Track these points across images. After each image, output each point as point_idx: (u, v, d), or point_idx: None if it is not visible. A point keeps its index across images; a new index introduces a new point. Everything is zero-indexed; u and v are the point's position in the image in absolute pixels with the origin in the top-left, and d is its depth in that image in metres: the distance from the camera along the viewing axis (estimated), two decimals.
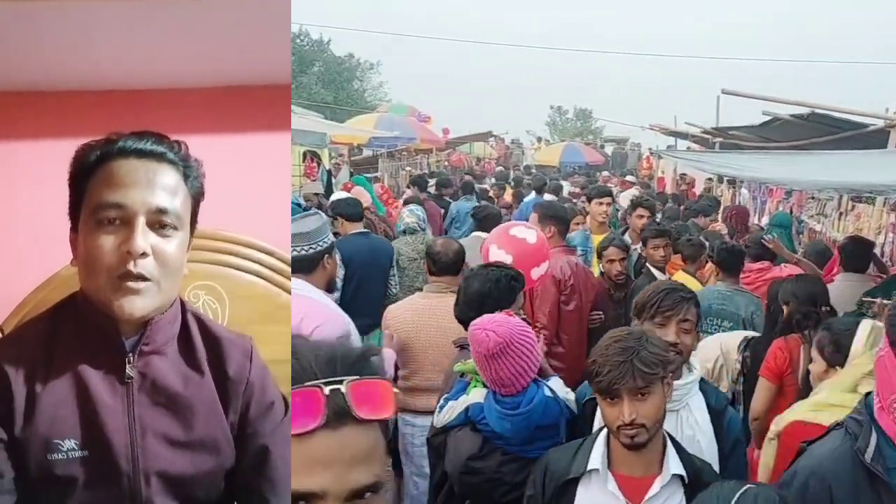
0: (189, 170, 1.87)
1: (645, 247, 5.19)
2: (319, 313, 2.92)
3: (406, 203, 7.98)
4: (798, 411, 2.63)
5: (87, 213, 1.78)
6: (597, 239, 5.68)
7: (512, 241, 4.05)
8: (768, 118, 7.57)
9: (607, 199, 6.28)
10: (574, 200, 9.62)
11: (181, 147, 1.88)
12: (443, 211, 9.69)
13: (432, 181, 12.28)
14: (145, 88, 2.49)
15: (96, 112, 2.39)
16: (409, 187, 11.83)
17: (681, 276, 4.87)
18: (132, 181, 1.77)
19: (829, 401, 2.55)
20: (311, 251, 3.05)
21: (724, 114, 12.38)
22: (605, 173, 21.54)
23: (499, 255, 3.99)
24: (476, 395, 2.49)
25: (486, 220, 5.93)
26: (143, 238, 1.74)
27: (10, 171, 2.42)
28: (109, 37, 2.20)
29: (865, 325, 2.73)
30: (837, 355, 2.76)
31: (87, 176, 1.80)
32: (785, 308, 3.64)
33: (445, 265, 3.77)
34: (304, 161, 11.35)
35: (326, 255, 3.08)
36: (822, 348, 2.83)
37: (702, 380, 2.50)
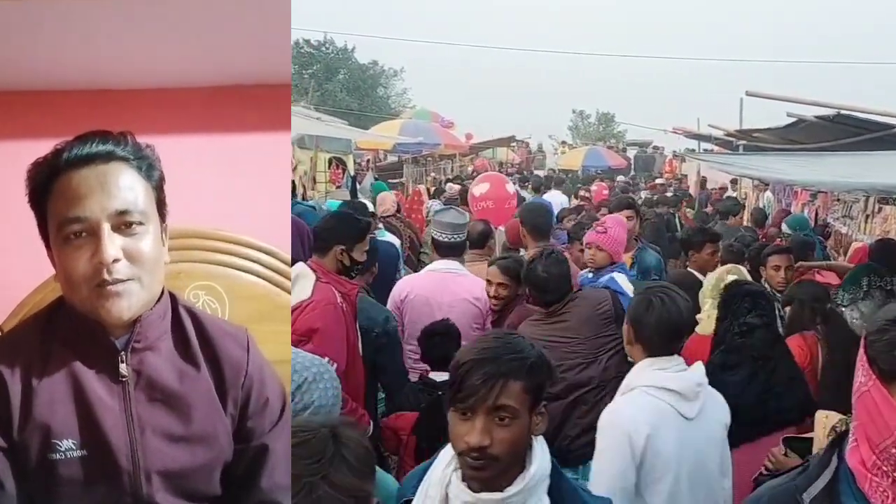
0: (142, 160, 1.85)
1: (699, 252, 5.15)
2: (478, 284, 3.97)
3: None
4: None
5: (54, 232, 1.80)
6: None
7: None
8: (793, 120, 7.43)
9: (627, 212, 5.28)
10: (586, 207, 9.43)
11: (128, 140, 1.85)
12: None
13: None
14: (145, 88, 2.50)
15: (95, 112, 2.40)
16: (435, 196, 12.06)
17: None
18: (87, 190, 1.76)
19: None
20: (462, 238, 4.11)
21: (747, 116, 12.19)
22: (620, 178, 21.08)
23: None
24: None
25: None
26: (112, 244, 1.75)
27: (8, 170, 2.43)
28: (108, 36, 2.22)
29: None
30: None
31: (43, 195, 1.82)
32: (788, 309, 3.94)
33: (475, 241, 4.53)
34: (329, 167, 11.40)
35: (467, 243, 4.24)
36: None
37: (558, 473, 1.66)
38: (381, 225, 6.75)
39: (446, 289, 3.83)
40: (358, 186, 12.15)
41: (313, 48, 36.74)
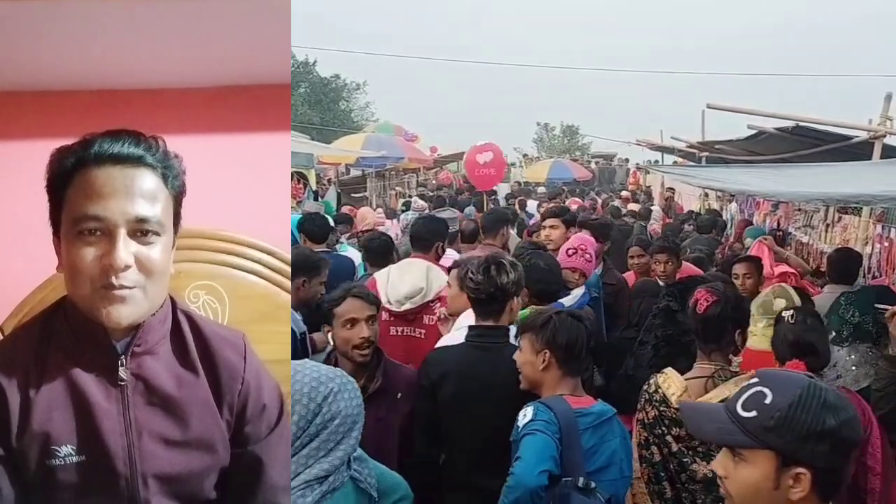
0: (168, 170, 1.82)
1: (651, 258, 5.43)
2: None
3: None
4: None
5: (68, 224, 1.76)
6: None
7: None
8: (753, 132, 7.64)
9: (551, 221, 5.53)
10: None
11: (159, 145, 1.82)
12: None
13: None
14: (145, 88, 2.50)
15: (96, 111, 2.39)
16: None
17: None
18: (111, 191, 1.73)
19: None
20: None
21: (709, 128, 12.47)
22: (590, 197, 21.20)
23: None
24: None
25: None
26: (125, 250, 1.72)
27: (9, 170, 2.42)
28: (109, 36, 2.21)
29: None
30: None
31: (64, 183, 1.77)
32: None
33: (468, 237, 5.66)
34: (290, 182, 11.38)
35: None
36: None
37: None
38: (343, 239, 6.78)
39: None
40: (320, 201, 12.11)
41: None
